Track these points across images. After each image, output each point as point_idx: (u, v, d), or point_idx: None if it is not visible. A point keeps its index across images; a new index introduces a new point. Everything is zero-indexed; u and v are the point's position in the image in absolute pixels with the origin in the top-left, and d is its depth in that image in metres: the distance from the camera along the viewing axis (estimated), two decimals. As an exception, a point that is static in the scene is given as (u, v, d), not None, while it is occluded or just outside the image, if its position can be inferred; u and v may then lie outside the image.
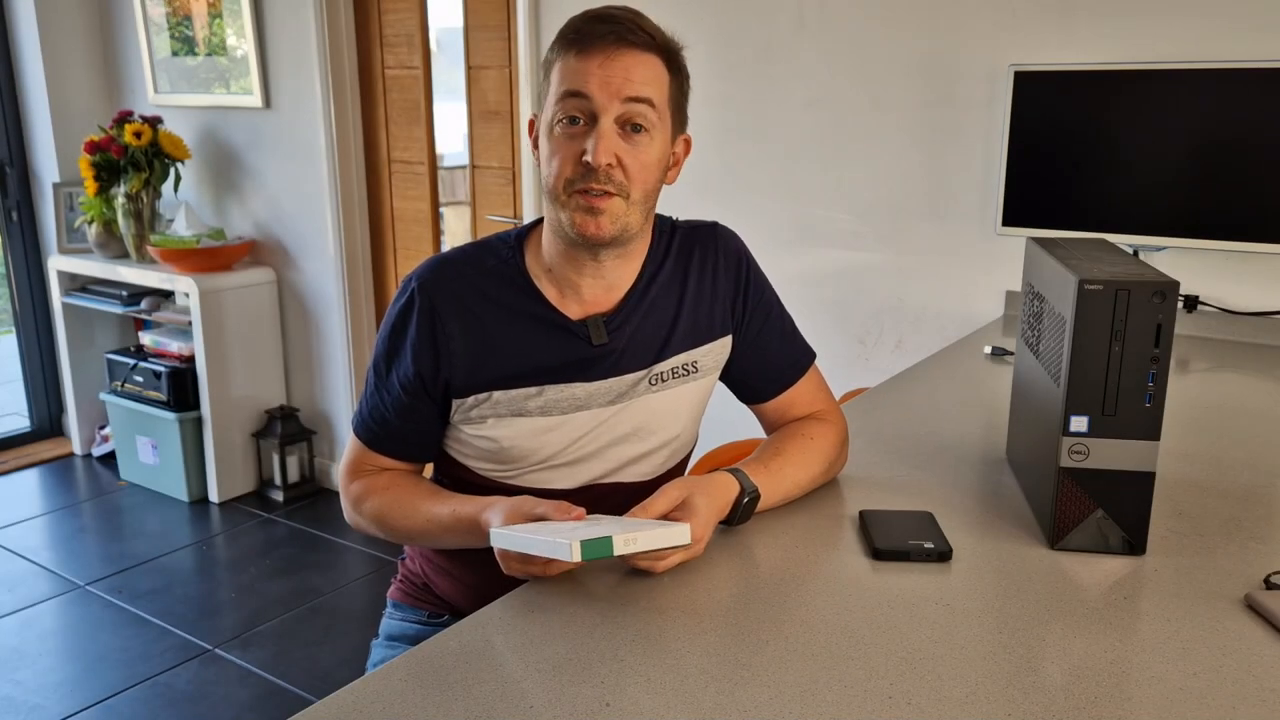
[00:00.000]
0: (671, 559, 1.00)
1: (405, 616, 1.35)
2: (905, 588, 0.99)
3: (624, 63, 1.05)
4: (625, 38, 1.06)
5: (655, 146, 1.09)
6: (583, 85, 1.05)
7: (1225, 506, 1.19)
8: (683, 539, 0.95)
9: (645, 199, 1.11)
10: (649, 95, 1.07)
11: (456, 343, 1.13)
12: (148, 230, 3.50)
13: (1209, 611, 0.95)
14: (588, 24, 1.07)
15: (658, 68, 1.08)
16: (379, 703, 0.81)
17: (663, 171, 1.13)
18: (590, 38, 1.06)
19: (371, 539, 3.13)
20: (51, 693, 2.37)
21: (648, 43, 1.07)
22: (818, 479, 1.22)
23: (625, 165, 1.07)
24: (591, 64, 1.05)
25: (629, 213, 1.09)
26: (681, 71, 1.13)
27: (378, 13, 3.21)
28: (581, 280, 1.15)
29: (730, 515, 1.10)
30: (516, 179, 3.01)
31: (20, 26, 3.67)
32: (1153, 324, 0.99)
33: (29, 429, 4.05)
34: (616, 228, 1.09)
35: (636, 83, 1.06)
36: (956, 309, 2.29)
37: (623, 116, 1.06)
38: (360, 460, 1.22)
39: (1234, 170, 1.82)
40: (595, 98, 1.05)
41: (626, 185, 1.08)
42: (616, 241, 1.10)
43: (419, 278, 1.16)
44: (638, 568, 1.00)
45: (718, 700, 0.81)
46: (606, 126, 1.06)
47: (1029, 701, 0.81)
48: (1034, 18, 2.10)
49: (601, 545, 0.89)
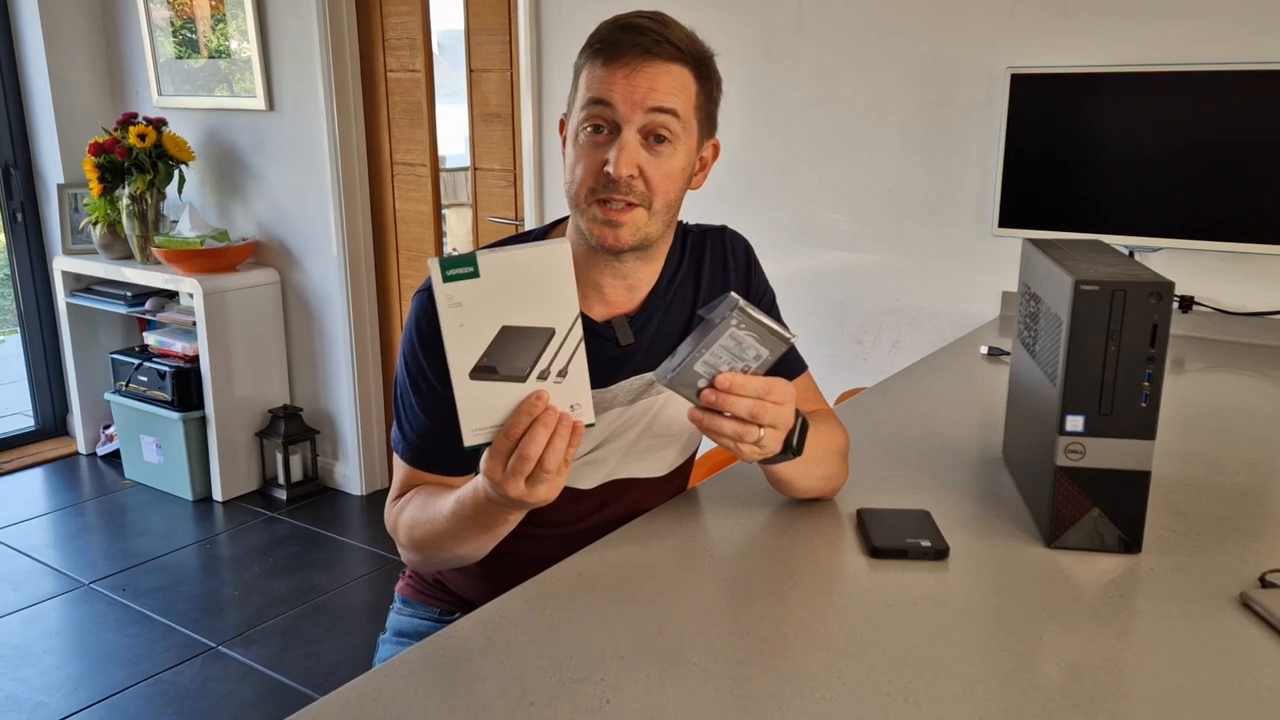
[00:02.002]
0: (766, 442, 0.98)
1: (415, 613, 1.35)
2: (903, 586, 1.00)
3: (649, 74, 1.05)
4: (651, 50, 1.05)
5: (679, 157, 1.09)
6: (607, 94, 1.05)
7: (1221, 505, 1.19)
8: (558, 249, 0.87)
9: (667, 209, 1.10)
10: (673, 106, 1.06)
11: None
12: (152, 231, 3.52)
13: (1205, 610, 0.95)
14: (615, 33, 1.06)
15: (684, 78, 1.08)
16: (381, 699, 0.82)
17: (686, 180, 1.12)
18: (617, 48, 1.06)
19: (376, 537, 3.17)
20: (56, 690, 2.38)
21: (674, 54, 1.06)
22: (836, 453, 1.18)
23: (647, 176, 1.07)
24: (616, 74, 1.05)
25: (650, 223, 1.09)
26: (711, 79, 1.12)
27: (380, 16, 3.22)
28: (604, 281, 1.15)
29: (790, 434, 1.04)
30: (518, 181, 3.02)
31: (25, 29, 3.68)
32: (1148, 324, 0.99)
33: (34, 428, 4.06)
34: (637, 238, 1.09)
35: (661, 93, 1.05)
36: (954, 309, 2.29)
37: (646, 127, 1.06)
38: (406, 483, 1.17)
39: (1229, 171, 1.83)
40: (619, 108, 1.05)
41: (649, 196, 1.07)
42: (637, 249, 1.11)
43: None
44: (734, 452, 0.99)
45: (717, 698, 0.81)
46: (629, 138, 1.05)
47: (1025, 699, 0.81)
48: (1031, 20, 2.10)
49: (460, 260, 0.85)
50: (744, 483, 1.27)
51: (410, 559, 1.17)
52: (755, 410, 0.96)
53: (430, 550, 1.11)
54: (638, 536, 1.12)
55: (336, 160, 3.28)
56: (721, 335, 0.92)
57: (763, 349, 0.94)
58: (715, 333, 0.92)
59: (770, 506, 1.19)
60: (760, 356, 0.95)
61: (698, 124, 1.11)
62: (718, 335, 0.92)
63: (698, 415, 0.97)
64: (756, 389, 0.95)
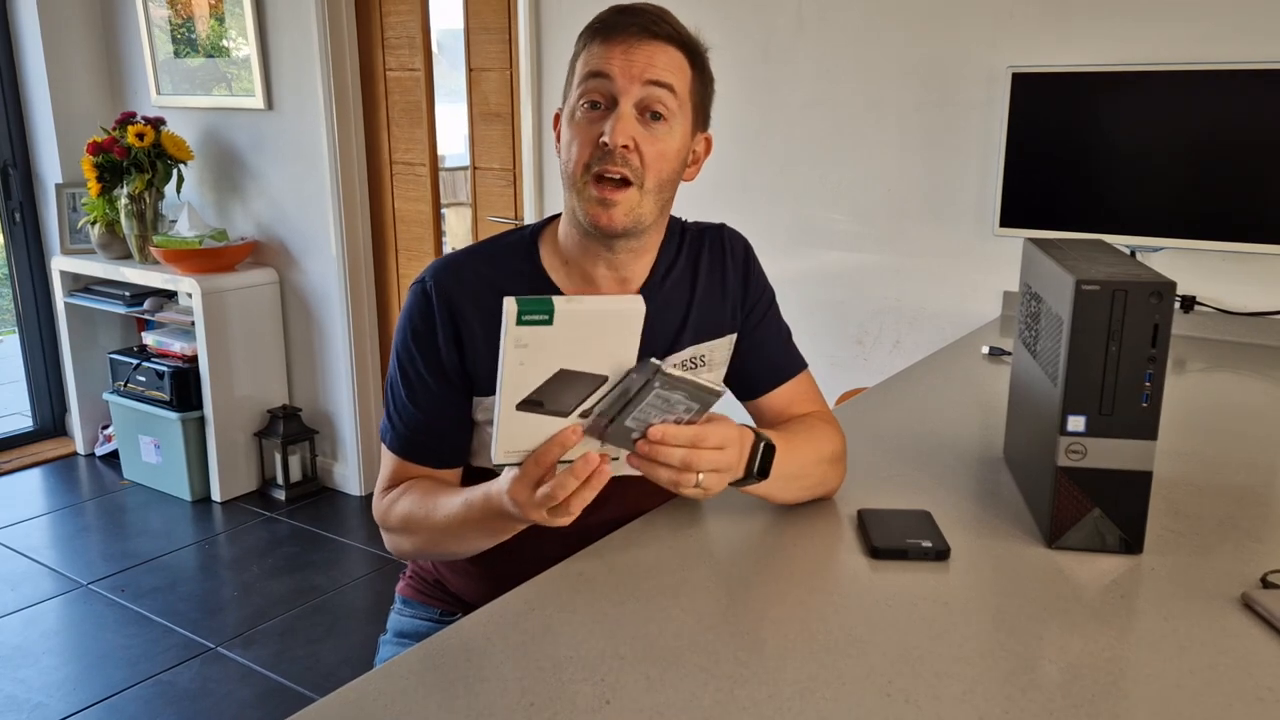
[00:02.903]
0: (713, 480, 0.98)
1: (416, 614, 1.35)
2: (903, 586, 1.00)
3: (647, 50, 1.07)
4: (649, 28, 1.08)
5: (675, 137, 1.10)
6: (605, 67, 1.07)
7: (1222, 506, 1.19)
8: (635, 304, 0.87)
9: (660, 189, 1.11)
10: (670, 81, 1.08)
11: (480, 340, 1.13)
12: (150, 231, 3.51)
13: (1206, 610, 0.95)
14: (614, 15, 1.09)
15: (680, 60, 1.10)
16: (380, 700, 0.81)
17: (680, 165, 1.13)
18: (616, 27, 1.08)
19: (375, 537, 3.16)
20: (54, 691, 2.38)
21: (672, 35, 1.09)
22: (824, 462, 1.17)
23: (642, 152, 1.08)
24: (615, 50, 1.07)
25: (642, 203, 1.10)
26: (705, 71, 1.14)
27: (379, 15, 3.22)
28: (596, 272, 1.16)
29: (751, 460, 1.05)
30: (517, 180, 3.02)
31: (23, 28, 3.68)
32: (1149, 324, 0.99)
33: (32, 428, 4.06)
34: (630, 219, 1.09)
35: (659, 68, 1.07)
36: (954, 309, 2.29)
37: (643, 102, 1.07)
38: (394, 475, 1.18)
39: (1231, 171, 1.83)
40: (616, 79, 1.07)
41: (641, 172, 1.08)
42: (629, 233, 1.11)
43: (432, 276, 1.15)
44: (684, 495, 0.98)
45: (717, 699, 0.81)
46: (626, 109, 1.07)
47: (1026, 699, 0.81)
48: (1032, 19, 2.10)
49: (539, 304, 0.83)
50: (744, 483, 1.27)
51: (399, 547, 1.17)
52: (688, 459, 0.95)
53: (425, 545, 1.13)
54: (638, 537, 1.12)
55: (336, 159, 3.28)
56: (647, 395, 0.90)
57: (693, 403, 0.92)
58: (640, 393, 0.90)
59: (770, 507, 1.19)
60: (692, 409, 0.93)
61: (692, 110, 1.13)
62: (643, 396, 0.90)
63: (635, 462, 0.97)
64: (688, 438, 0.95)
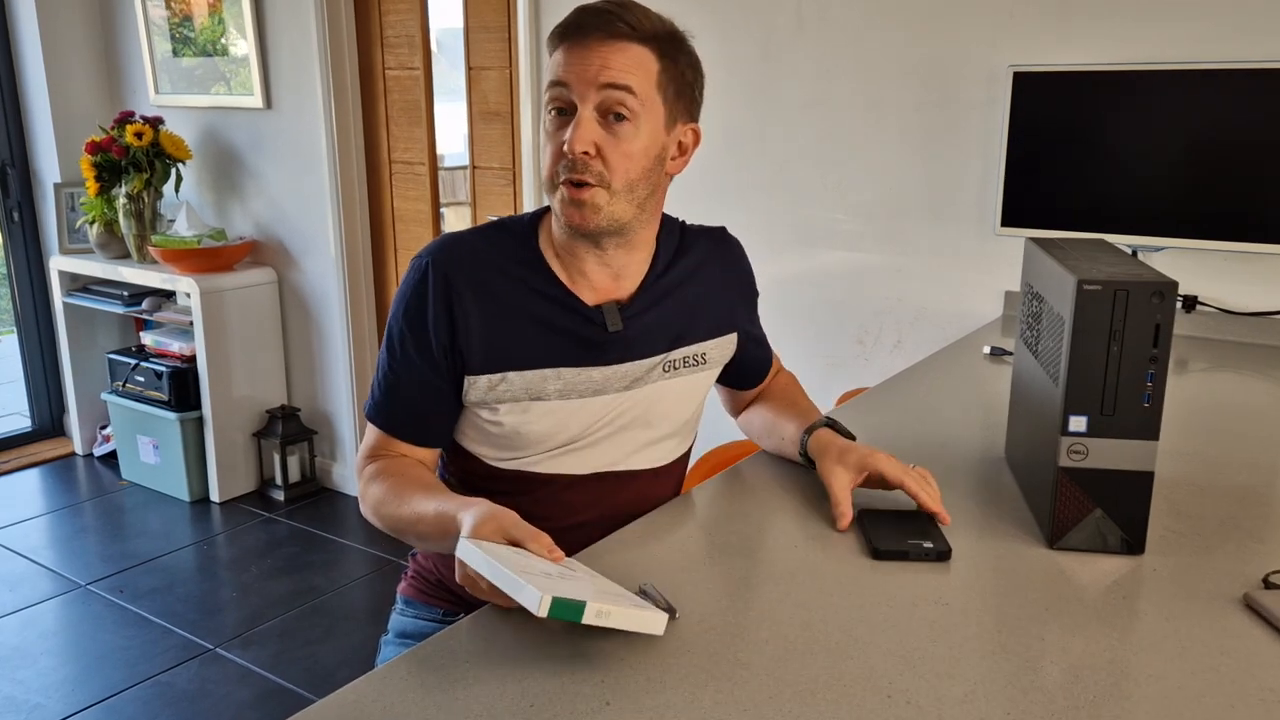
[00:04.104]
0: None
1: (418, 614, 1.35)
2: (904, 587, 1.00)
3: (602, 52, 1.07)
4: (603, 28, 1.08)
5: (641, 136, 1.10)
6: (564, 75, 1.08)
7: (1224, 506, 1.19)
8: (657, 629, 0.88)
9: (630, 189, 1.11)
10: (627, 83, 1.07)
11: (474, 318, 1.13)
12: (149, 230, 3.51)
13: (1207, 611, 0.95)
14: (574, 16, 1.10)
15: (641, 56, 1.09)
16: (380, 701, 0.81)
17: (653, 162, 1.12)
18: (573, 30, 1.09)
19: (374, 538, 3.16)
20: (53, 692, 2.37)
21: (628, 33, 1.08)
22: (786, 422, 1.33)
23: (605, 155, 1.08)
24: (573, 55, 1.08)
25: (612, 203, 1.10)
26: (678, 60, 1.13)
27: (378, 14, 3.21)
28: (587, 267, 1.17)
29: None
30: (517, 180, 3.02)
31: (21, 27, 3.67)
32: (1151, 324, 0.99)
33: (30, 429, 4.05)
34: (601, 218, 1.10)
35: (614, 70, 1.07)
36: (955, 309, 2.29)
37: (603, 105, 1.08)
38: (376, 447, 1.20)
39: (1232, 171, 1.82)
40: (574, 87, 1.08)
41: (606, 175, 1.09)
42: (608, 231, 1.12)
43: (432, 254, 1.16)
44: None
45: (718, 700, 0.81)
46: (585, 115, 1.07)
47: (1028, 700, 0.81)
48: (1033, 19, 2.10)
49: (571, 609, 0.83)
50: (744, 483, 1.27)
51: (369, 518, 1.19)
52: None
53: (391, 528, 1.15)
54: (638, 537, 1.11)
55: (335, 159, 3.27)
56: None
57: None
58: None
59: (770, 507, 1.18)
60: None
61: (663, 104, 1.12)
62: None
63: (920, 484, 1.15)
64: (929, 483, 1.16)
